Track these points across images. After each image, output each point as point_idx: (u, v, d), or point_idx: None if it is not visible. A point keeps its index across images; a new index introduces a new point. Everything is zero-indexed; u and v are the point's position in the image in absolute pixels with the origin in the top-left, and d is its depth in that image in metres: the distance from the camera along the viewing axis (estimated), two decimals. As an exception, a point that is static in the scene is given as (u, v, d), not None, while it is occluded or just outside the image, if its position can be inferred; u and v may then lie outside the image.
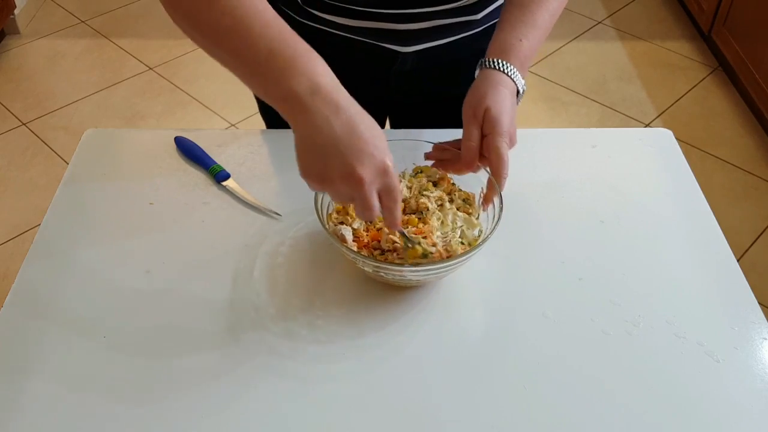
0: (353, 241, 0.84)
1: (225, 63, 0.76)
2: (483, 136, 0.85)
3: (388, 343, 0.80)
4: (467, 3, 0.98)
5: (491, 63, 0.88)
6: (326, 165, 0.69)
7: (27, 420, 0.73)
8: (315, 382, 0.76)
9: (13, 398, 0.75)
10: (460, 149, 0.88)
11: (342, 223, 0.87)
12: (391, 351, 0.80)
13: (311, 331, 0.81)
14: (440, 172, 0.91)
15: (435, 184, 0.91)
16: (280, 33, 0.72)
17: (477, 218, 0.88)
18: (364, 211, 0.72)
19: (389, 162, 0.71)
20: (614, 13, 3.24)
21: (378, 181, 0.71)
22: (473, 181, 0.90)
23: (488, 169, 0.86)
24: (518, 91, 0.89)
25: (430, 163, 0.92)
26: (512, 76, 0.88)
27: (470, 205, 0.89)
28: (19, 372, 0.77)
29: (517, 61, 0.88)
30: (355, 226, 0.86)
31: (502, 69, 0.87)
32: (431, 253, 0.81)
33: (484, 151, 0.85)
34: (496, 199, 0.85)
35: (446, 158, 0.90)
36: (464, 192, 0.90)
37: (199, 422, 0.73)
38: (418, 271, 0.81)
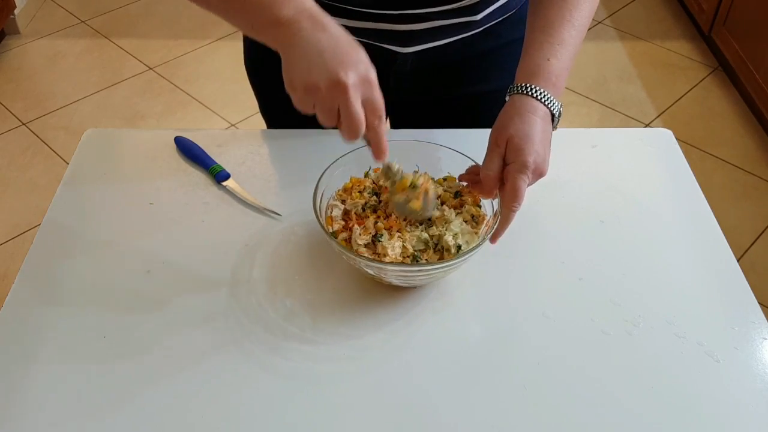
0: (341, 219, 0.85)
1: (212, 2, 0.78)
2: (506, 165, 0.83)
3: (388, 343, 0.80)
4: (467, 4, 0.98)
5: (519, 88, 0.85)
6: (311, 73, 0.70)
7: (27, 420, 0.73)
8: (314, 382, 0.76)
9: (14, 398, 0.75)
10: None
11: (344, 201, 0.87)
12: (391, 351, 0.80)
13: (311, 331, 0.81)
14: (464, 186, 0.89)
15: (457, 195, 0.88)
16: None
17: (477, 234, 0.85)
18: (349, 120, 0.71)
19: (373, 74, 0.72)
20: (614, 13, 3.24)
21: (362, 90, 0.71)
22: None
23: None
24: (553, 115, 0.85)
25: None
26: (543, 100, 0.84)
27: (477, 224, 0.86)
28: (20, 372, 0.77)
29: (547, 83, 0.85)
30: (348, 208, 0.86)
31: (531, 93, 0.84)
32: (418, 185, 0.81)
33: (504, 179, 0.83)
34: (495, 201, 0.85)
35: (477, 180, 0.87)
36: (478, 210, 0.87)
37: (198, 421, 0.73)
38: (414, 270, 0.80)
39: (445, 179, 0.91)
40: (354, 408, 0.74)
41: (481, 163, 0.86)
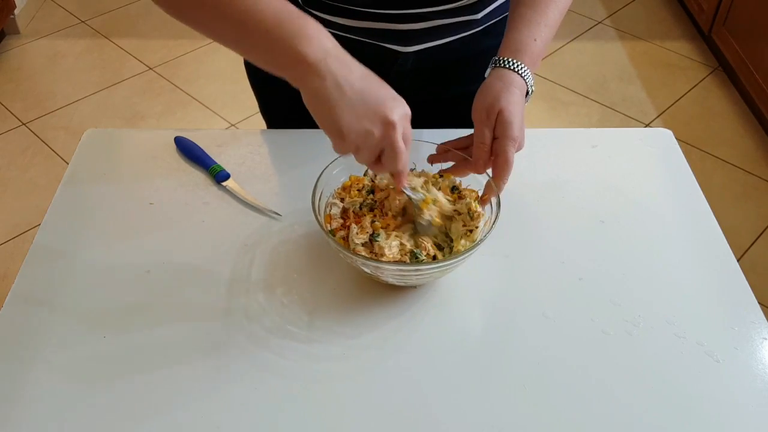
0: (340, 218, 0.85)
1: (226, 36, 0.77)
2: (494, 137, 0.86)
3: (387, 342, 0.80)
4: (467, 3, 0.98)
5: (505, 62, 0.88)
6: (362, 120, 0.72)
7: (27, 420, 0.73)
8: (313, 381, 0.76)
9: (14, 398, 0.75)
10: (463, 150, 0.88)
11: (343, 200, 0.87)
12: (390, 351, 0.80)
13: (310, 331, 0.81)
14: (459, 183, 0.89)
15: (454, 190, 0.88)
16: (284, 3, 0.74)
17: (472, 233, 0.84)
18: (395, 156, 0.74)
19: (407, 107, 0.76)
20: (614, 13, 3.24)
21: (402, 125, 0.74)
22: (474, 185, 0.89)
23: (489, 172, 0.86)
24: (528, 92, 0.89)
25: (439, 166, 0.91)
26: (524, 76, 0.88)
27: (472, 219, 0.85)
28: (20, 372, 0.77)
29: (529, 60, 0.88)
30: (346, 206, 0.86)
31: (515, 69, 0.87)
32: (439, 199, 0.83)
33: (492, 153, 0.86)
34: (493, 200, 0.85)
35: (450, 160, 0.90)
36: (476, 205, 0.85)
37: (197, 420, 0.73)
38: (412, 270, 0.80)
39: (441, 176, 0.90)
40: (352, 408, 0.74)
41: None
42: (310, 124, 1.04)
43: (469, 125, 1.07)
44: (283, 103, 1.13)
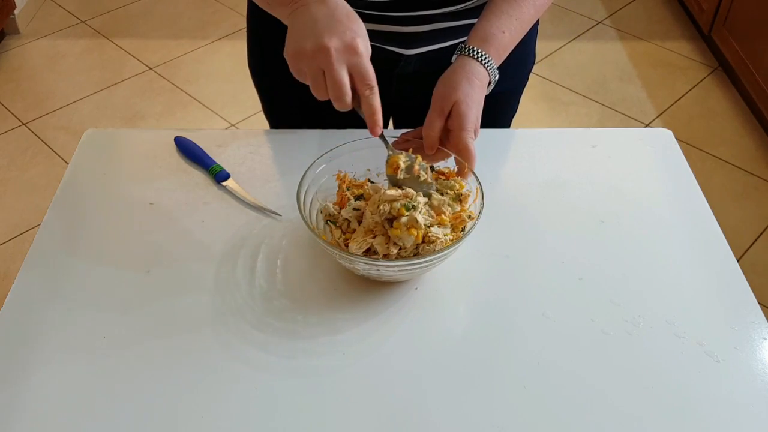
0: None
1: None
2: (448, 130, 0.87)
3: (386, 343, 0.80)
4: (470, 6, 0.98)
5: (470, 51, 0.89)
6: (302, 40, 0.76)
7: (28, 420, 0.73)
8: (315, 385, 0.76)
9: (14, 398, 0.75)
10: (421, 137, 0.89)
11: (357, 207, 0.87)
12: (389, 351, 0.80)
13: (310, 332, 0.81)
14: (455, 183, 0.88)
15: (432, 169, 0.88)
16: None
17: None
18: (332, 83, 0.75)
19: (361, 44, 0.76)
20: (614, 13, 3.24)
21: (346, 57, 0.75)
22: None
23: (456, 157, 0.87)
24: (490, 82, 0.90)
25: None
26: (488, 67, 0.89)
27: (462, 201, 0.85)
28: (20, 372, 0.77)
29: (495, 52, 0.90)
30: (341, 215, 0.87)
31: (479, 59, 0.89)
32: (411, 164, 0.83)
33: (451, 146, 0.87)
34: (479, 195, 0.85)
35: (411, 147, 0.90)
36: (461, 186, 0.86)
37: (195, 419, 0.73)
38: (394, 265, 0.80)
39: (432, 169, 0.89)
40: (350, 408, 0.74)
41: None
42: (315, 124, 1.04)
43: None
44: (287, 104, 1.14)
